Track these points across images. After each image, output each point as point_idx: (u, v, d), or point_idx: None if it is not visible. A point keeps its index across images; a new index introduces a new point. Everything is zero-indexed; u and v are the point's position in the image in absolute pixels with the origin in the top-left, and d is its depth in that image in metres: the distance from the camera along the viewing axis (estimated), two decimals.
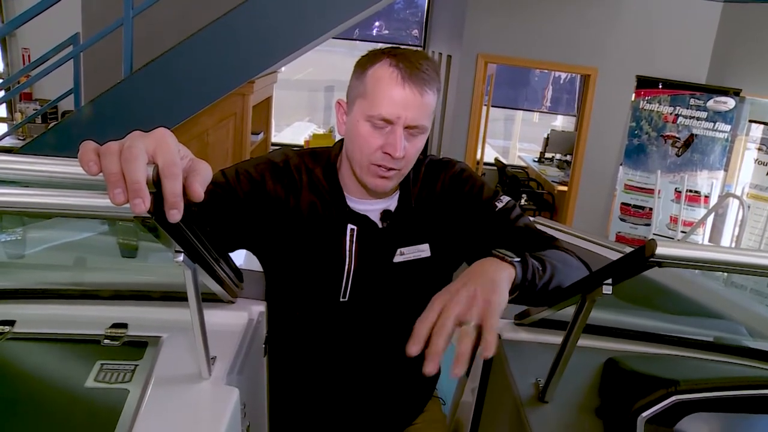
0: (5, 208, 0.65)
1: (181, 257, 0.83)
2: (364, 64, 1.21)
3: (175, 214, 0.65)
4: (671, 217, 5.53)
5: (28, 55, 6.53)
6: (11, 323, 1.14)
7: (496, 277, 0.94)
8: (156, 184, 0.65)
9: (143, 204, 0.62)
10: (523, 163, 8.77)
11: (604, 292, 0.87)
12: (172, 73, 3.77)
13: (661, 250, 0.72)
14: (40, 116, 6.02)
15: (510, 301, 0.95)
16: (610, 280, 0.87)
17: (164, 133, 0.68)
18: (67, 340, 1.12)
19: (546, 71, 9.32)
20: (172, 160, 0.65)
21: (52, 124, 5.43)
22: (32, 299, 1.24)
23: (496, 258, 0.99)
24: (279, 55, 3.89)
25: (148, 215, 0.65)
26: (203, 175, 0.69)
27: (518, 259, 0.99)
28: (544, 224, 1.59)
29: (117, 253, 1.39)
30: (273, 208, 1.26)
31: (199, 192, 0.68)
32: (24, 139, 5.65)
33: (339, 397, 1.38)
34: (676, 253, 0.72)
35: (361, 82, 1.20)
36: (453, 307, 0.87)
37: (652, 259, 0.73)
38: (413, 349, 0.86)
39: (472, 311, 0.86)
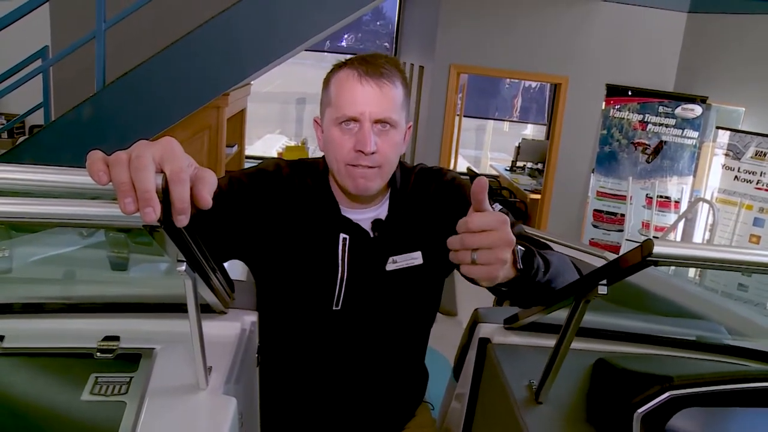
0: (13, 219, 0.64)
1: (183, 267, 0.83)
2: (328, 76, 1.27)
3: (182, 219, 0.66)
4: (643, 222, 5.63)
5: None
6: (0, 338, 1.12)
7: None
8: (164, 193, 0.65)
9: (153, 213, 0.63)
10: (495, 172, 8.85)
11: (599, 292, 0.89)
12: (146, 87, 3.74)
13: (658, 249, 0.73)
14: (6, 131, 5.90)
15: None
16: (605, 281, 0.89)
17: (171, 141, 0.69)
18: (58, 355, 1.11)
19: (516, 81, 9.44)
20: (179, 166, 0.66)
21: (20, 139, 5.33)
22: (19, 314, 1.22)
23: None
24: (253, 68, 3.89)
25: (158, 224, 0.65)
26: (210, 183, 0.70)
27: (521, 267, 1.01)
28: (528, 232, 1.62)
29: (104, 266, 1.37)
30: (266, 217, 1.26)
31: (207, 199, 0.69)
32: None
33: (331, 405, 1.38)
34: (674, 252, 0.74)
35: (327, 92, 1.26)
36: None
37: (649, 258, 0.74)
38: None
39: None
